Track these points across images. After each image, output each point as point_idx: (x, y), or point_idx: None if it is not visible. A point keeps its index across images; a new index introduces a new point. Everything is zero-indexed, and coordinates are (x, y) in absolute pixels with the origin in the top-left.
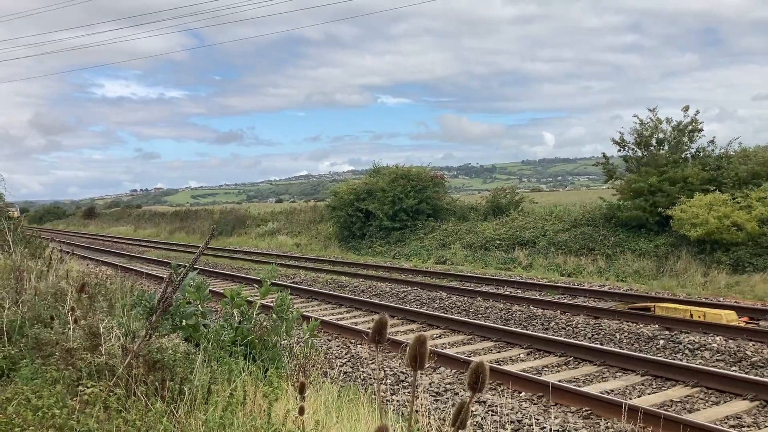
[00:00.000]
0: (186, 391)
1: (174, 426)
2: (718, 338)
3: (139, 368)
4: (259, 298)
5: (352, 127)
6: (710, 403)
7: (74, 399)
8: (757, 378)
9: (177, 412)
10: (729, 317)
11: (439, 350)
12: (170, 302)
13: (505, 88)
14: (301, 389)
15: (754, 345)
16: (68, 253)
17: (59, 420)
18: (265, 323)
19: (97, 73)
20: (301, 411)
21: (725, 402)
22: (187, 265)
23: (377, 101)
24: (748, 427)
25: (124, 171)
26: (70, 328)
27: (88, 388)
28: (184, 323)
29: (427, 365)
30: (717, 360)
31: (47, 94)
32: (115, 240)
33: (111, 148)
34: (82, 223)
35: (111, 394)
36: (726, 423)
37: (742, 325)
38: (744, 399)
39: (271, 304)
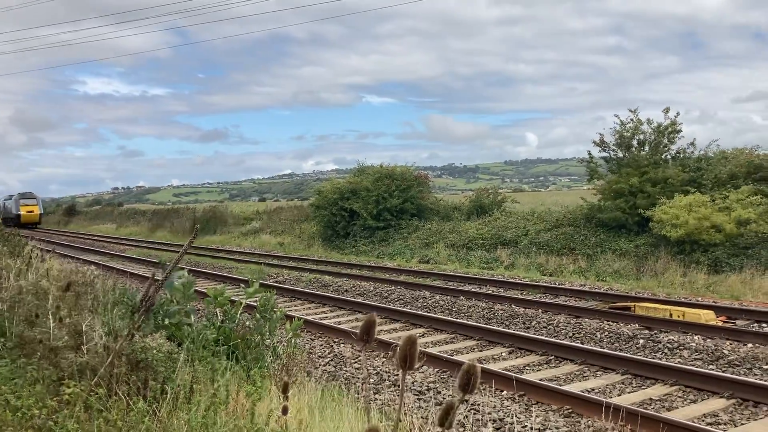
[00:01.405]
0: (168, 390)
1: (156, 426)
2: (696, 337)
3: (121, 368)
4: (243, 297)
5: (338, 126)
6: (688, 401)
7: (54, 399)
8: (734, 376)
9: (159, 412)
10: (707, 317)
11: (423, 349)
12: (153, 301)
13: (489, 89)
14: (285, 389)
15: (731, 344)
16: (48, 251)
17: (38, 420)
18: (248, 323)
19: (79, 70)
20: (285, 410)
21: (703, 400)
22: (170, 264)
23: (362, 101)
24: (725, 424)
25: (106, 169)
26: (52, 327)
27: (68, 387)
28: (167, 322)
29: (416, 366)
30: (695, 359)
31: (28, 90)
32: (96, 238)
33: (93, 145)
34: (63, 221)
35: (92, 393)
36: (703, 421)
37: (720, 324)
38: (721, 397)
39: (255, 304)
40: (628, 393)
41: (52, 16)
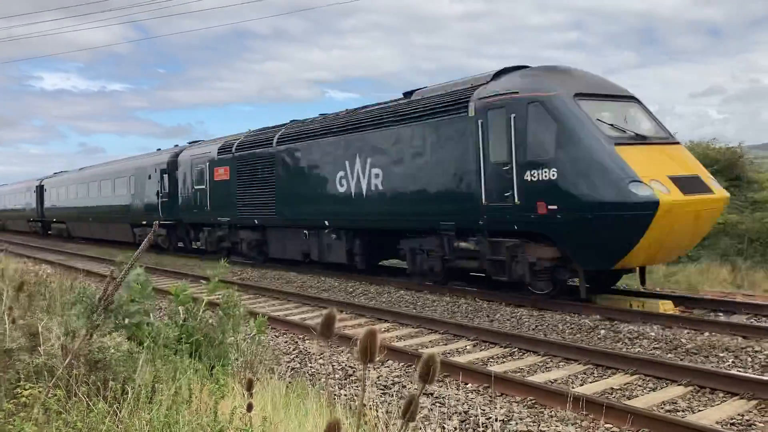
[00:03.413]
0: (129, 390)
1: (117, 426)
2: (655, 327)
3: (80, 368)
4: (205, 295)
5: None
6: (648, 389)
7: (11, 402)
8: (691, 364)
9: (120, 413)
10: (666, 306)
11: (387, 344)
12: (111, 300)
13: None
14: (249, 386)
15: (688, 333)
16: (2, 251)
17: None
18: (211, 320)
19: (36, 65)
20: (249, 408)
21: (662, 388)
22: (129, 262)
23: (326, 96)
24: (683, 411)
25: (65, 166)
26: (7, 329)
27: (25, 390)
28: (126, 322)
29: (377, 358)
30: (654, 348)
31: None
32: (53, 237)
33: (50, 143)
34: None
35: (50, 395)
36: (663, 408)
37: (678, 314)
38: (679, 384)
39: (218, 301)
40: (590, 383)
41: (6, 9)
